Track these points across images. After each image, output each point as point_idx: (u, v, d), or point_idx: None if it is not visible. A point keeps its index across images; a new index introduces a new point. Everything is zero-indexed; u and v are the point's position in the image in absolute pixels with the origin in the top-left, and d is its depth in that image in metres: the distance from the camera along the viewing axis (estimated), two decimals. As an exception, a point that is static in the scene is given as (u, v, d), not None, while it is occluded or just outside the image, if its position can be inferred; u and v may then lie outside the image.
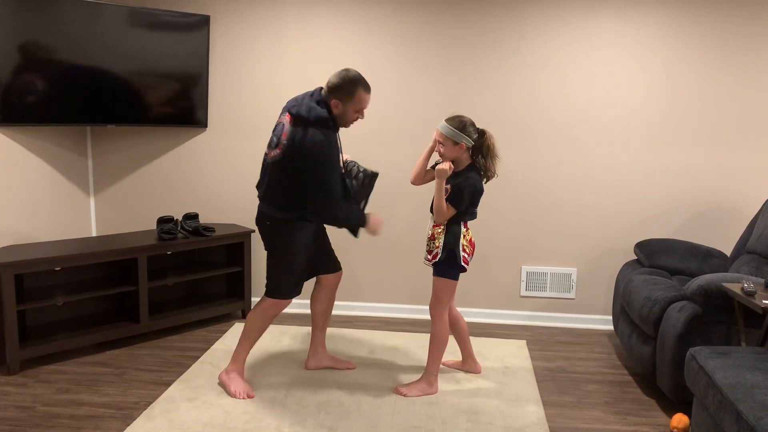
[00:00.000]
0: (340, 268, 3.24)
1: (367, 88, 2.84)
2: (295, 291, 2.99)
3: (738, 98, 3.83)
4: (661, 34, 3.83)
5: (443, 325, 2.99)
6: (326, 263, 3.18)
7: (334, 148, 2.80)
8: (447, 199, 2.88)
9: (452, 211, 2.88)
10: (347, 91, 2.80)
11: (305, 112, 2.77)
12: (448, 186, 2.90)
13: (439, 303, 2.97)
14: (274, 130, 2.90)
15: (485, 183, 2.97)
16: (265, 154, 2.93)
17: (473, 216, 2.95)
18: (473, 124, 2.89)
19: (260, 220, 2.97)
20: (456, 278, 2.97)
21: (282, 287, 2.95)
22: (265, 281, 3.00)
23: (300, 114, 2.77)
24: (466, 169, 2.91)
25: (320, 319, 3.26)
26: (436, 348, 3.01)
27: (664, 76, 3.86)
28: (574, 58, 3.91)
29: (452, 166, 2.87)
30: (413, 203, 4.11)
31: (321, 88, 2.86)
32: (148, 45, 3.85)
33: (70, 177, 4.08)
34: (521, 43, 3.93)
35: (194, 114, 4.12)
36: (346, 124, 2.90)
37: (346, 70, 2.83)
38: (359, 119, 2.92)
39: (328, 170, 2.77)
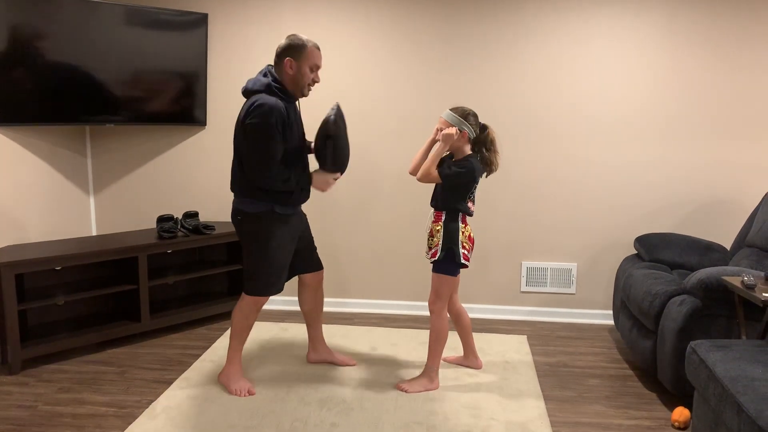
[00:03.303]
0: (321, 267, 3.20)
1: (316, 45, 2.80)
2: (273, 288, 2.93)
3: (737, 92, 3.82)
4: (660, 31, 3.82)
5: (443, 320, 2.99)
6: (307, 263, 3.14)
7: (276, 112, 2.67)
8: (440, 169, 2.87)
9: (437, 179, 2.86)
10: (298, 48, 2.77)
11: (251, 84, 2.78)
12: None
13: (438, 299, 2.97)
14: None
15: (486, 177, 2.99)
16: None
17: (469, 212, 2.94)
18: (476, 116, 2.91)
19: (233, 215, 2.92)
20: (455, 274, 2.97)
21: (258, 285, 2.91)
22: (243, 278, 2.97)
23: (246, 88, 2.79)
24: (465, 158, 2.91)
25: (311, 317, 3.25)
26: (436, 344, 3.01)
27: (663, 71, 3.86)
28: (573, 54, 3.90)
29: (458, 131, 2.84)
30: (414, 199, 4.11)
31: (269, 65, 2.86)
32: (146, 44, 3.84)
33: (70, 176, 4.08)
34: (521, 39, 3.92)
35: (193, 112, 4.12)
36: (304, 88, 2.83)
37: (293, 35, 2.81)
38: (316, 83, 2.85)
39: (264, 132, 2.66)
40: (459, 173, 2.85)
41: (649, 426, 2.73)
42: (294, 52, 2.77)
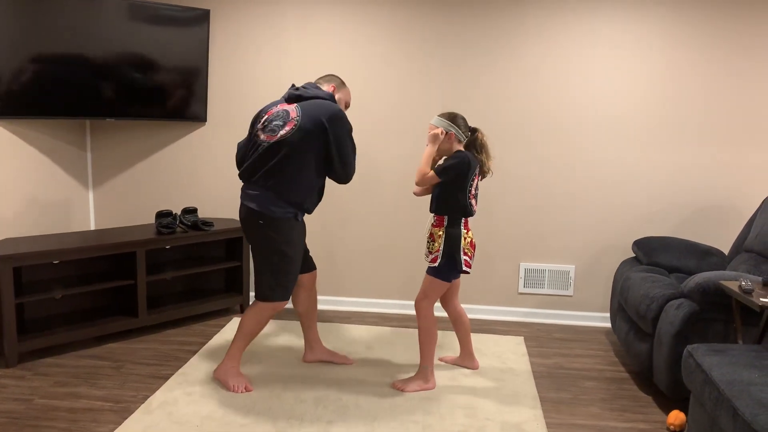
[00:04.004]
0: (315, 267, 3.22)
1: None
2: (290, 292, 2.95)
3: (738, 97, 3.83)
4: (662, 32, 3.83)
5: (429, 319, 2.98)
6: (304, 263, 3.14)
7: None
8: (434, 168, 2.90)
9: (434, 178, 2.88)
10: (341, 82, 3.05)
11: (311, 92, 2.88)
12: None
13: (426, 299, 2.97)
14: (268, 121, 2.84)
15: (481, 180, 2.99)
16: (259, 141, 2.84)
17: (472, 211, 2.93)
18: (464, 120, 2.93)
19: (250, 217, 2.85)
20: (449, 281, 2.97)
21: (280, 291, 2.90)
22: (257, 285, 2.91)
23: (304, 95, 2.86)
24: (455, 152, 2.93)
25: (306, 318, 3.25)
26: (426, 343, 3.01)
27: (663, 73, 3.86)
28: (573, 55, 3.91)
29: (444, 131, 2.89)
30: (411, 198, 4.11)
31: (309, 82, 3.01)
32: (148, 39, 3.84)
33: (69, 170, 4.08)
34: (520, 40, 3.93)
35: (193, 108, 4.12)
36: None
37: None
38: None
39: (351, 136, 2.88)
40: (452, 164, 2.86)
41: (645, 429, 2.73)
42: (337, 82, 3.04)
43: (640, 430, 2.72)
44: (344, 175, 2.91)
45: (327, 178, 2.97)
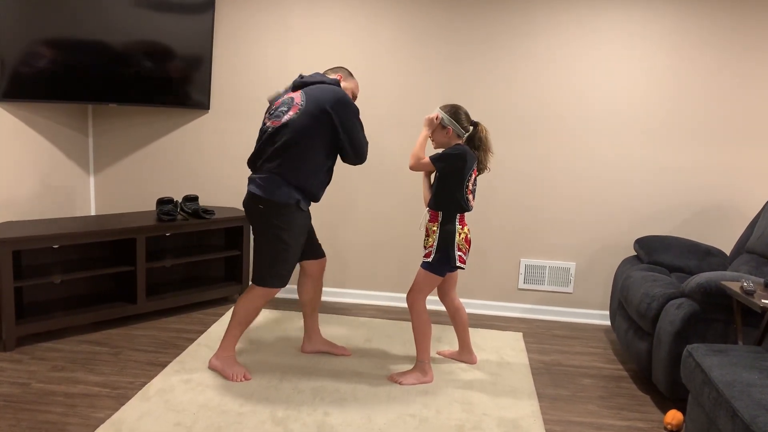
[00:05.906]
0: (324, 255, 3.21)
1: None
2: (286, 280, 2.93)
3: (741, 97, 3.81)
4: (666, 32, 3.80)
5: (421, 313, 2.97)
6: (311, 250, 3.14)
7: None
8: (431, 156, 2.89)
9: (428, 164, 2.88)
10: (349, 73, 3.06)
11: (317, 78, 2.89)
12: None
13: (418, 292, 2.96)
14: (275, 109, 2.86)
15: (477, 176, 2.98)
16: (265, 127, 2.86)
17: (468, 206, 2.91)
18: (467, 114, 2.90)
19: (251, 201, 2.85)
20: (442, 275, 2.95)
21: (275, 277, 2.89)
22: (254, 268, 2.92)
23: (309, 81, 2.87)
24: (454, 146, 2.90)
25: (309, 307, 3.25)
26: (420, 336, 3.00)
27: (667, 73, 3.84)
28: (577, 53, 3.89)
29: (439, 116, 2.89)
30: (413, 191, 4.10)
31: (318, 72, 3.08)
32: (152, 25, 3.82)
33: (71, 155, 4.06)
34: (523, 38, 3.90)
35: (196, 96, 4.10)
36: None
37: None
38: None
39: (358, 115, 2.88)
40: (448, 154, 2.84)
41: (642, 428, 2.73)
42: (346, 73, 3.06)
43: (638, 429, 2.71)
44: (355, 157, 2.91)
45: (339, 161, 2.98)
